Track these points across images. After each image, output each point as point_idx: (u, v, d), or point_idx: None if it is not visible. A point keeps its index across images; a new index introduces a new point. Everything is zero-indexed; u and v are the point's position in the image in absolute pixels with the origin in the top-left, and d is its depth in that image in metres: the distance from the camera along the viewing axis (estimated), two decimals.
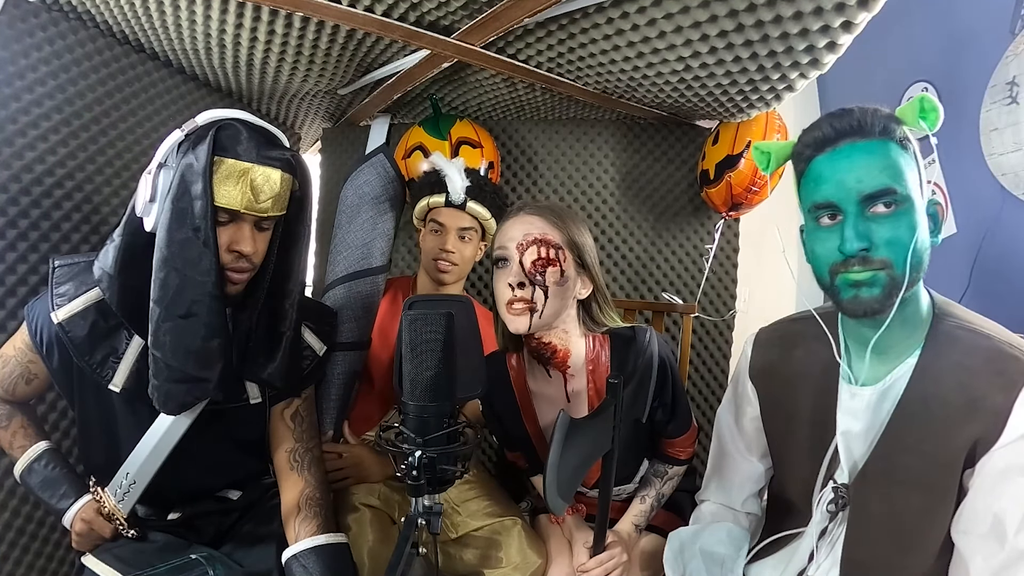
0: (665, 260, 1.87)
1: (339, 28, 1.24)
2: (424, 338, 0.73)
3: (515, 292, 0.97)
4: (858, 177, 0.72)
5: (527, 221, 1.00)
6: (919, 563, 0.78)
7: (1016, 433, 0.69)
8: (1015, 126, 1.26)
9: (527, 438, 1.13)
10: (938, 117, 0.71)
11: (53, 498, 0.98)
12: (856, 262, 0.73)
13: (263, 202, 0.85)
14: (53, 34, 1.23)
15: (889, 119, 0.73)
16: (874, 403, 0.80)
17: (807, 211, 0.78)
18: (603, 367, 1.06)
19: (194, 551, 0.98)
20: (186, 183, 0.81)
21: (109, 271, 0.86)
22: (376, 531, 1.14)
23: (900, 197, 0.71)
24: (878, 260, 0.72)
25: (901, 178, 0.72)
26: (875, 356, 0.80)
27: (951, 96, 1.45)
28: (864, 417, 0.81)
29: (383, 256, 1.37)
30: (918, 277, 0.74)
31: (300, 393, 1.05)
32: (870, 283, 0.73)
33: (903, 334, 0.78)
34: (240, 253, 0.86)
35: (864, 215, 0.72)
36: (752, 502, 1.03)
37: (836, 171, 0.74)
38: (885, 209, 0.72)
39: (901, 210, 0.72)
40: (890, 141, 0.73)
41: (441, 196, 1.33)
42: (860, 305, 0.74)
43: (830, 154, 0.75)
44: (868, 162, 0.72)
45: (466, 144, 1.61)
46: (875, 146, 0.73)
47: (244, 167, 0.83)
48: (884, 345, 0.79)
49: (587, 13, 1.13)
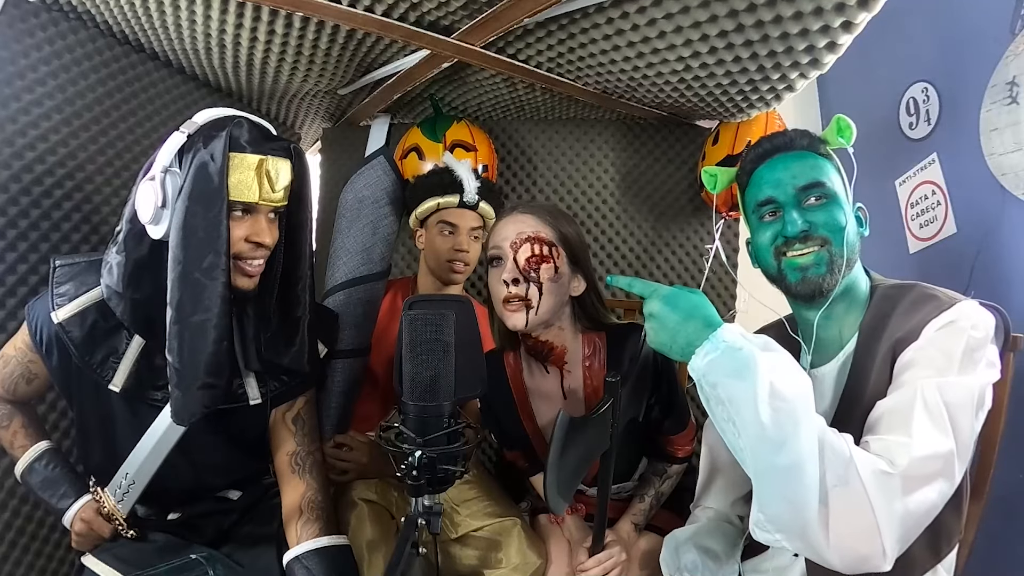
0: (665, 260, 1.87)
1: (339, 28, 1.24)
2: (424, 338, 0.73)
3: (510, 289, 0.98)
4: (792, 174, 0.86)
5: (520, 220, 1.02)
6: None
7: (920, 343, 0.75)
8: (1015, 126, 1.26)
9: (525, 437, 1.13)
10: (852, 133, 0.85)
11: (53, 498, 0.98)
12: (798, 242, 0.84)
13: (278, 191, 0.86)
14: (53, 34, 1.23)
15: (813, 138, 0.88)
16: (835, 377, 0.87)
17: (751, 213, 0.91)
18: (599, 364, 1.06)
19: (194, 551, 0.98)
20: (201, 182, 0.81)
21: (117, 288, 0.85)
22: (374, 526, 1.15)
23: (828, 191, 0.84)
24: (818, 237, 0.83)
25: (827, 177, 0.85)
26: (825, 344, 0.89)
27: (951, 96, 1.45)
28: (827, 393, 0.88)
29: (383, 261, 1.36)
30: (854, 257, 0.85)
31: (301, 394, 1.05)
32: (815, 263, 0.83)
33: (850, 317, 0.87)
34: (259, 244, 0.87)
35: (800, 206, 0.85)
36: (743, 505, 1.04)
37: (774, 173, 0.87)
38: (816, 201, 0.84)
39: (830, 202, 0.84)
40: (815, 153, 0.88)
41: (454, 197, 1.33)
42: (808, 285, 0.84)
43: (768, 163, 0.89)
44: (799, 164, 0.86)
45: (459, 147, 1.61)
46: (803, 155, 0.87)
47: (259, 159, 0.84)
48: (832, 334, 0.88)
49: (587, 13, 1.13)
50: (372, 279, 1.34)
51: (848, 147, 0.86)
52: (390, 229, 1.41)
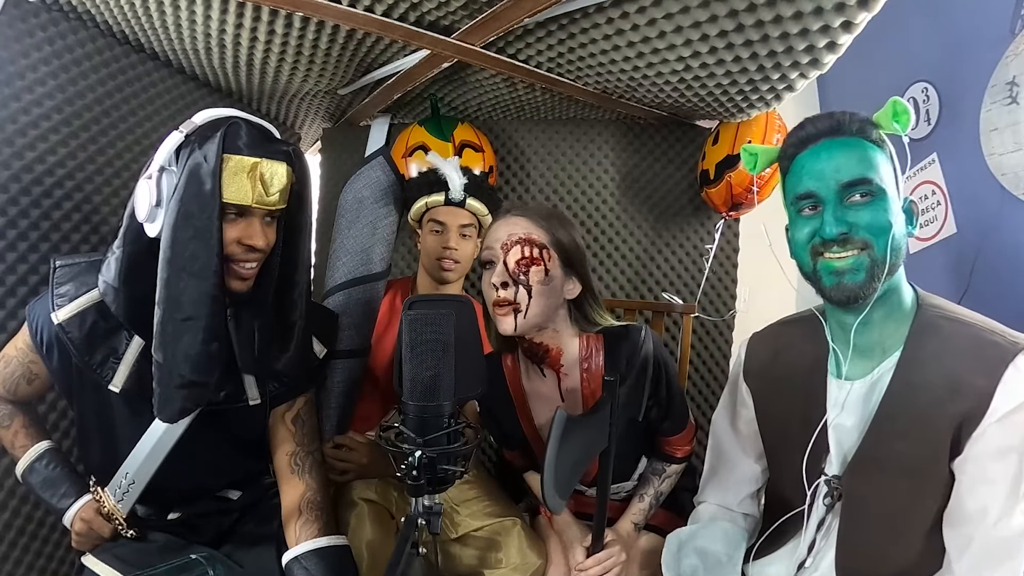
0: (665, 260, 1.87)
1: (339, 28, 1.24)
2: (424, 338, 0.73)
3: (499, 292, 0.98)
4: (836, 167, 0.77)
5: (512, 222, 1.01)
6: (909, 548, 0.80)
7: (997, 415, 0.71)
8: (1015, 126, 1.26)
9: (523, 437, 1.14)
10: (909, 120, 0.76)
11: (54, 497, 0.98)
12: (836, 244, 0.77)
13: (272, 195, 0.86)
14: (53, 34, 1.23)
15: (865, 122, 0.79)
16: (863, 396, 0.83)
17: (790, 204, 0.83)
18: (597, 366, 1.06)
19: (194, 551, 0.98)
20: (195, 183, 0.81)
21: (113, 283, 0.85)
22: (374, 525, 1.15)
23: (875, 188, 0.76)
24: (859, 240, 0.76)
25: (875, 171, 0.76)
26: (861, 351, 0.83)
27: (951, 96, 1.45)
28: (854, 411, 0.83)
29: (383, 262, 1.36)
30: (898, 263, 0.77)
31: (300, 395, 1.05)
32: (853, 269, 0.76)
33: (888, 329, 0.81)
34: (251, 247, 0.86)
35: (842, 204, 0.77)
36: (749, 503, 1.04)
37: (816, 164, 0.79)
38: (861, 199, 0.76)
39: (876, 200, 0.76)
40: (865, 140, 0.78)
41: (440, 195, 1.33)
42: (843, 291, 0.77)
43: (811, 150, 0.80)
44: (846, 155, 0.77)
45: (469, 147, 1.62)
46: (852, 143, 0.78)
47: (253, 162, 0.83)
48: (870, 340, 0.82)
49: (587, 13, 1.13)
50: (372, 279, 1.34)
51: (904, 135, 0.77)
52: (389, 229, 1.41)
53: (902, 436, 0.78)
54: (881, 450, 0.79)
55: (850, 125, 0.78)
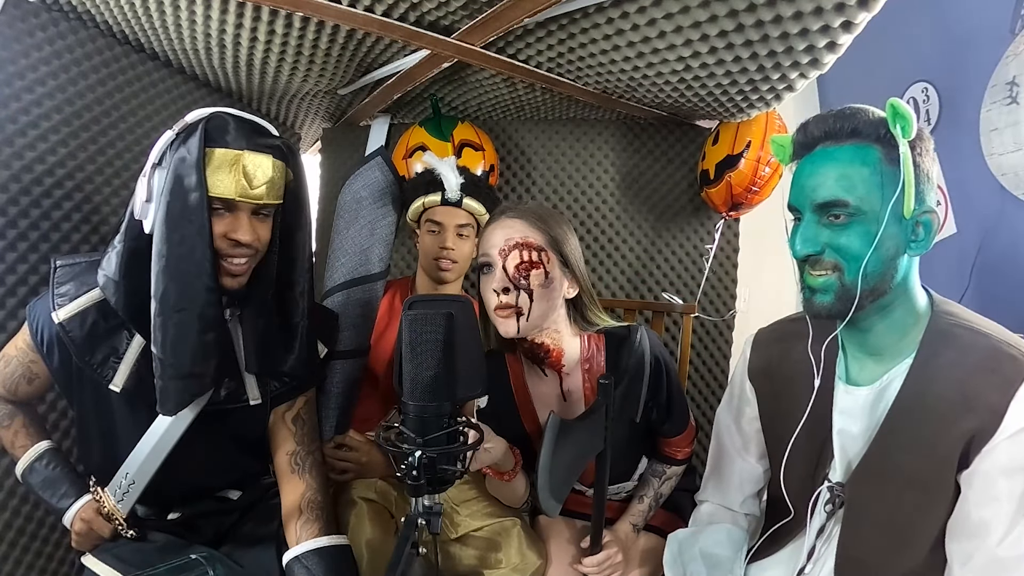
0: (665, 260, 1.87)
1: (339, 28, 1.24)
2: (424, 338, 0.73)
3: (500, 298, 0.98)
4: (815, 185, 0.75)
5: (507, 225, 1.00)
6: (912, 559, 0.79)
7: (1009, 431, 0.70)
8: (1015, 126, 1.26)
9: (525, 437, 1.13)
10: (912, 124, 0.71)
11: (54, 497, 0.98)
12: (809, 264, 0.76)
13: (257, 188, 0.85)
14: (53, 34, 1.23)
15: (861, 122, 0.74)
16: (870, 403, 0.81)
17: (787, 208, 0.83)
18: (599, 366, 1.06)
19: (194, 551, 0.98)
20: (180, 177, 0.81)
21: (113, 277, 0.86)
22: (374, 524, 1.14)
23: (852, 209, 0.73)
24: (829, 262, 0.75)
25: (855, 191, 0.72)
26: (870, 357, 0.81)
27: (951, 96, 1.45)
28: (860, 417, 0.82)
29: (382, 262, 1.36)
30: (881, 289, 0.75)
31: (301, 394, 1.05)
32: (823, 289, 0.76)
33: (893, 338, 0.79)
34: (237, 242, 0.85)
35: (820, 222, 0.75)
36: (751, 503, 1.03)
37: (802, 177, 0.77)
38: (836, 220, 0.74)
39: (854, 221, 0.73)
40: (860, 144, 0.73)
41: (436, 195, 1.33)
42: (812, 308, 0.77)
43: (808, 158, 0.78)
44: (827, 171, 0.74)
45: (468, 147, 1.61)
46: (841, 153, 0.74)
47: (235, 154, 0.83)
48: (877, 346, 0.80)
49: (587, 13, 1.13)
50: (371, 280, 1.34)
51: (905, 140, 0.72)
52: (388, 230, 1.41)
53: (909, 448, 0.76)
54: (887, 460, 0.78)
55: (845, 125, 0.74)
